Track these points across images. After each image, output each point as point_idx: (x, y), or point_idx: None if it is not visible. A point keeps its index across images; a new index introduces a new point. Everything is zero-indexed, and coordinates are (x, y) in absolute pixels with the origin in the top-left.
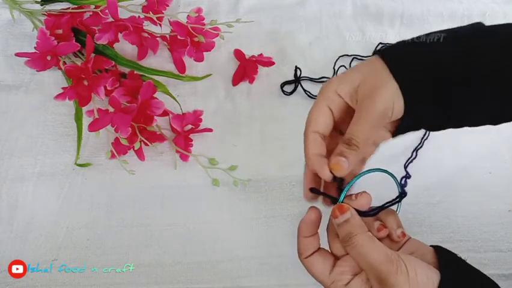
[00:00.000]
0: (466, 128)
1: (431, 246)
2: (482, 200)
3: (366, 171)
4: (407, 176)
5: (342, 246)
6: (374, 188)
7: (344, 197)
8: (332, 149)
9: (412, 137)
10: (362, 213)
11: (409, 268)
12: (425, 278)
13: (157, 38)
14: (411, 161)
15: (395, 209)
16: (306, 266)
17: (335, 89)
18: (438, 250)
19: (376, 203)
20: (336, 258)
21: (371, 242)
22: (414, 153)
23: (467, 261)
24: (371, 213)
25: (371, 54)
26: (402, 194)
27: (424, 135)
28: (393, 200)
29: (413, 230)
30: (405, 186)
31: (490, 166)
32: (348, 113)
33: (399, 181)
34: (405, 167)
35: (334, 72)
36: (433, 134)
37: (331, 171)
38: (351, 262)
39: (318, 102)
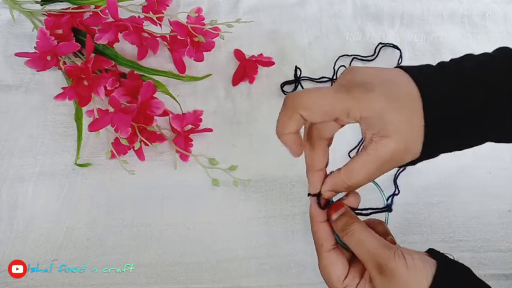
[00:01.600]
0: None
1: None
2: (482, 200)
3: None
4: (395, 193)
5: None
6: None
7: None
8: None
9: None
10: (353, 211)
11: (405, 254)
12: (422, 263)
13: (157, 38)
14: (403, 169)
15: (384, 220)
16: (325, 261)
17: (346, 110)
18: (432, 251)
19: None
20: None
21: (367, 229)
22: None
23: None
24: (362, 212)
25: (371, 54)
26: (388, 209)
27: None
28: (382, 208)
29: (413, 230)
30: (392, 205)
31: (490, 166)
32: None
33: (385, 195)
34: (395, 180)
35: (334, 72)
36: None
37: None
38: (359, 266)
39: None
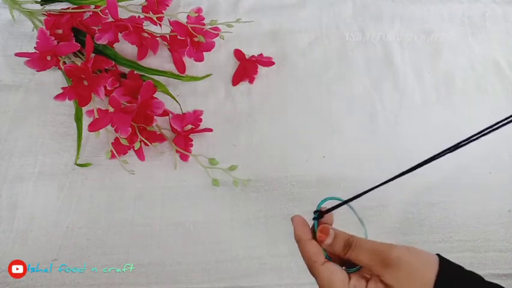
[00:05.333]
0: (465, 129)
1: None
2: (482, 200)
3: (329, 198)
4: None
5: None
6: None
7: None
8: None
9: None
10: None
11: (405, 245)
12: (425, 252)
13: (157, 38)
14: None
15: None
16: (325, 273)
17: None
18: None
19: None
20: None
21: (362, 237)
22: None
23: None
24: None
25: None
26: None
27: None
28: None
29: (413, 230)
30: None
31: (490, 166)
32: None
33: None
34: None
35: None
36: (433, 134)
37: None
38: (362, 271)
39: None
